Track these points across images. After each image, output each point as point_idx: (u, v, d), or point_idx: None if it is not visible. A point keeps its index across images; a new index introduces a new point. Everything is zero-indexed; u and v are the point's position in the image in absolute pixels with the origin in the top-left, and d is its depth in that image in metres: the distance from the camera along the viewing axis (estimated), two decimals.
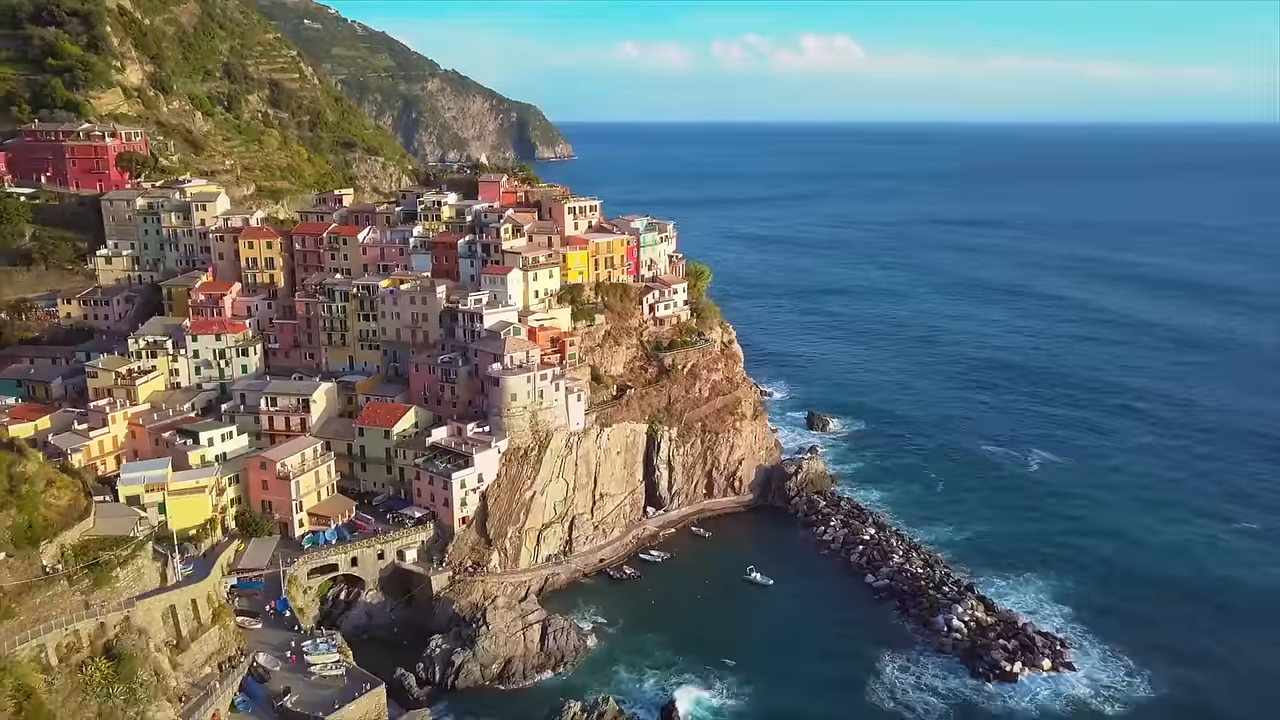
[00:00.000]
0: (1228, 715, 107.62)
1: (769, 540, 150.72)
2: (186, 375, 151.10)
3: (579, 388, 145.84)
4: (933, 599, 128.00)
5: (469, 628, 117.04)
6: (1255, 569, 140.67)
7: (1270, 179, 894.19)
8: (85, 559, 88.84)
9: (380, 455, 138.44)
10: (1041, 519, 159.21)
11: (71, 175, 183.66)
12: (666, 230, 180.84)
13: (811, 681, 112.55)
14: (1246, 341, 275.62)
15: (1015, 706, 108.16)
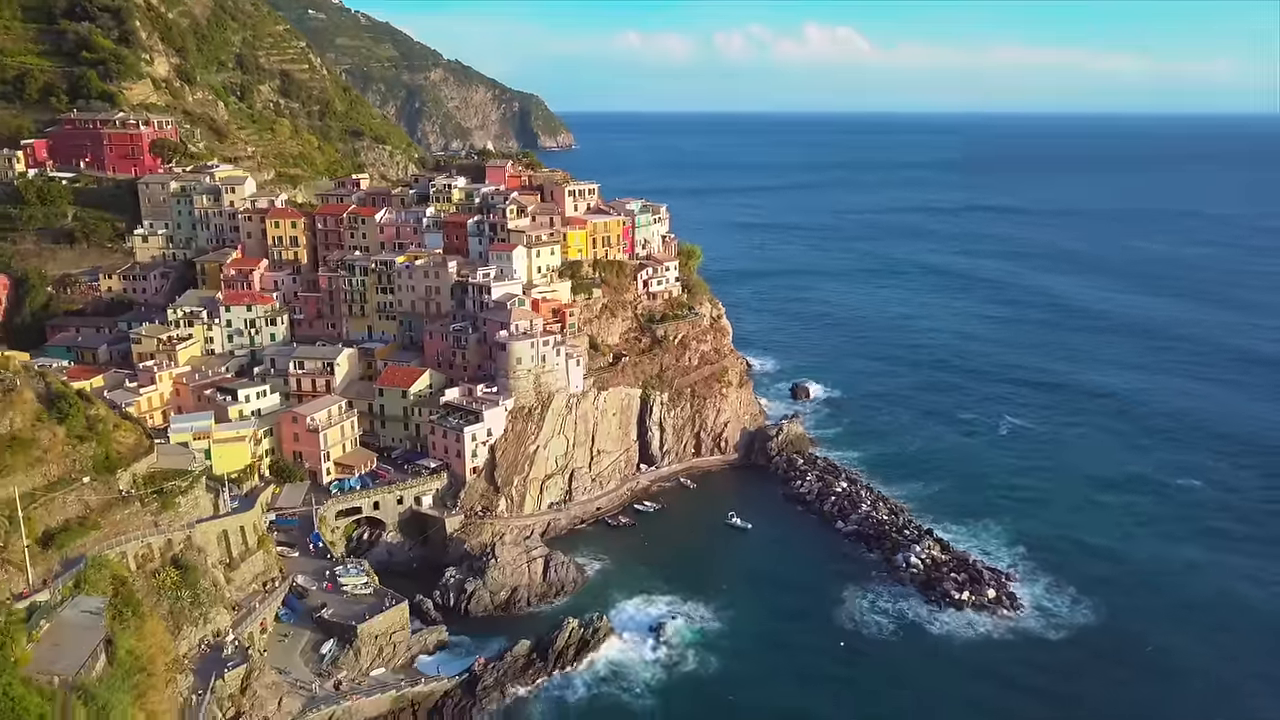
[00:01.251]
0: (1155, 636, 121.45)
1: (750, 493, 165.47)
2: (220, 342, 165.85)
3: (578, 354, 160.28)
4: (895, 540, 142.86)
5: (480, 561, 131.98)
6: (1196, 523, 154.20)
7: (1270, 170, 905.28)
8: (153, 486, 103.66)
9: (398, 413, 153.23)
10: (1005, 476, 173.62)
11: (109, 161, 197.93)
12: (659, 212, 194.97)
13: (783, 607, 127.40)
14: (1216, 323, 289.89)
15: (958, 628, 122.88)
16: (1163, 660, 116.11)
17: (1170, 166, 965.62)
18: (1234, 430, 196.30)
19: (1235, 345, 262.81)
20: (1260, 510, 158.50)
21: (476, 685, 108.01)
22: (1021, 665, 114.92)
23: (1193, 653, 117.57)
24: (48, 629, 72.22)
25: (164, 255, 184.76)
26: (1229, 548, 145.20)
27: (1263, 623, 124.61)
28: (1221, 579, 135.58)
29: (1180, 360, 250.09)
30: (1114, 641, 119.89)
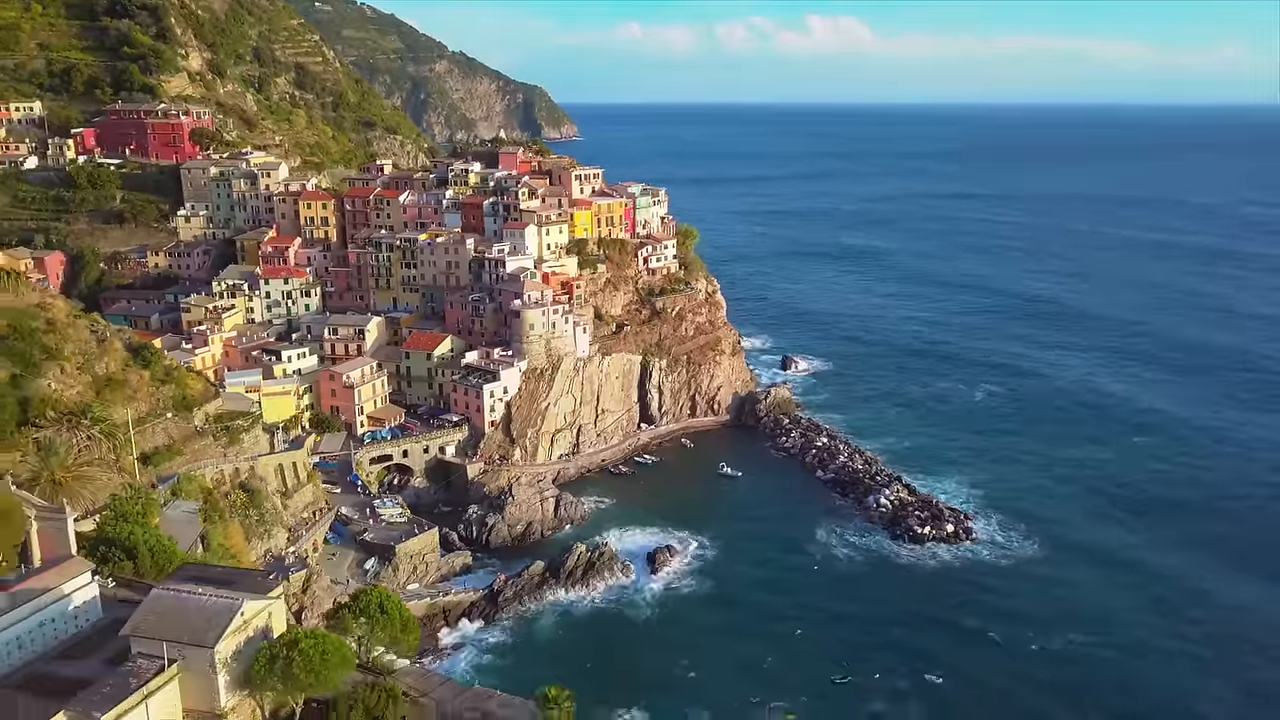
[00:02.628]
0: (1088, 563, 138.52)
1: (740, 448, 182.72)
2: (260, 312, 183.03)
3: (584, 322, 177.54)
4: (867, 485, 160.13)
5: (498, 500, 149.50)
6: (1152, 474, 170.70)
7: (1261, 159, 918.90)
8: (221, 424, 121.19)
9: (423, 374, 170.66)
10: (973, 435, 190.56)
11: (152, 148, 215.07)
12: (658, 195, 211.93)
13: (765, 540, 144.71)
14: (1195, 291, 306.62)
15: (919, 556, 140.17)
16: (1093, 581, 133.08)
17: (1166, 156, 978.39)
18: (1185, 401, 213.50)
19: (1195, 327, 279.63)
20: (1198, 472, 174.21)
21: (498, 597, 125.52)
22: (971, 585, 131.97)
23: (1117, 575, 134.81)
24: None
25: (205, 234, 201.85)
26: (1165, 502, 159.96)
27: (1179, 559, 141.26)
28: (1153, 526, 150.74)
29: (1147, 337, 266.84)
30: (1052, 568, 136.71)
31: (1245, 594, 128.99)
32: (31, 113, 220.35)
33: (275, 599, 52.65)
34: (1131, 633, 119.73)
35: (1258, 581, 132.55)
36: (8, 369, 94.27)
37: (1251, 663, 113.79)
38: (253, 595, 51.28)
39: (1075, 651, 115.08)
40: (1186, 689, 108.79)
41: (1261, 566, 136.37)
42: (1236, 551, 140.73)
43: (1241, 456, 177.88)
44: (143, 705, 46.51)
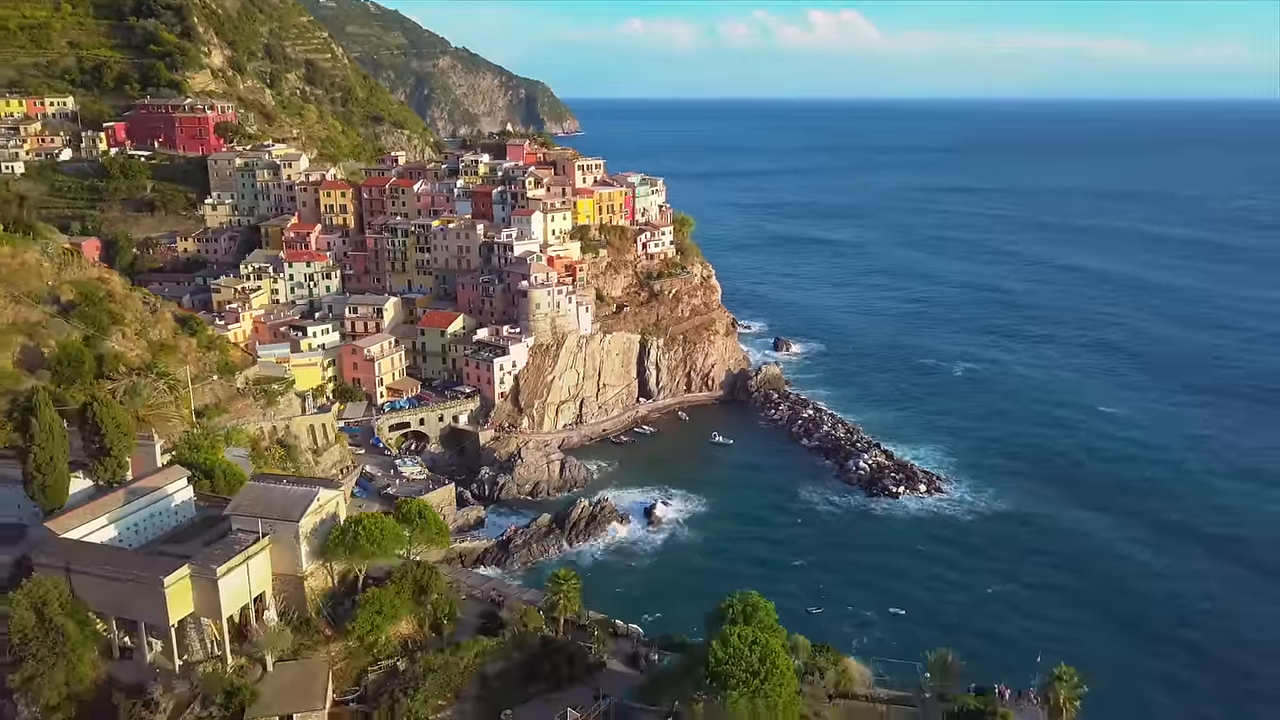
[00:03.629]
0: (1049, 518, 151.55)
1: (732, 420, 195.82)
2: (284, 293, 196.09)
3: (587, 302, 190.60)
4: (847, 451, 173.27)
5: (509, 463, 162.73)
6: (1112, 440, 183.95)
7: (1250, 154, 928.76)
8: (260, 387, 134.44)
9: (438, 349, 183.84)
10: (952, 405, 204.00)
11: (180, 140, 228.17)
12: (656, 185, 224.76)
13: (752, 499, 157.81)
14: (1165, 285, 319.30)
15: (893, 510, 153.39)
16: (1049, 536, 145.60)
17: (1162, 151, 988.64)
18: (1157, 366, 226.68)
19: (1171, 316, 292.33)
20: (1166, 435, 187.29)
21: (509, 544, 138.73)
22: (937, 535, 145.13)
23: (1069, 531, 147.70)
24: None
25: (231, 221, 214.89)
26: (1129, 469, 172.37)
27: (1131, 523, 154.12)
28: (1123, 488, 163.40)
29: (1121, 325, 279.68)
30: (1014, 524, 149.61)
31: (1172, 557, 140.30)
32: (65, 107, 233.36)
33: (340, 492, 65.85)
34: (1075, 580, 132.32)
35: (1180, 547, 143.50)
36: (81, 330, 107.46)
37: (1162, 611, 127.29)
38: (325, 487, 64.51)
39: (1025, 595, 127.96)
40: (1114, 621, 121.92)
41: (1187, 536, 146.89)
42: (1171, 522, 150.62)
43: (1191, 440, 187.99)
44: (244, 565, 59.79)
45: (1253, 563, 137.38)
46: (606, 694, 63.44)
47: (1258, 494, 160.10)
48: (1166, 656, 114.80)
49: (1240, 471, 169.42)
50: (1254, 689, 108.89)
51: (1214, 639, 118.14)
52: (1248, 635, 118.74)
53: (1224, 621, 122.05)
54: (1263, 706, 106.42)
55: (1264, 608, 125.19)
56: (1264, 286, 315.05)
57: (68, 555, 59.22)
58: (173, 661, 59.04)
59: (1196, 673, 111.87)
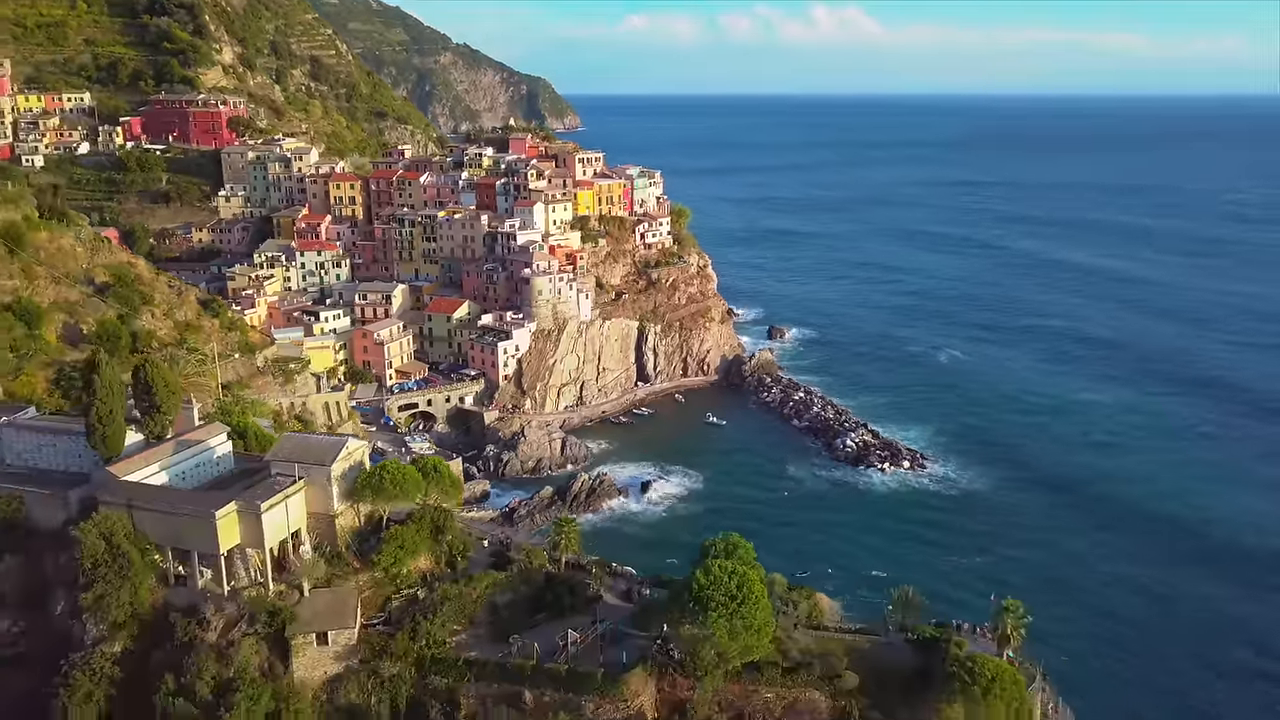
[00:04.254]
0: (1026, 497, 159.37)
1: (727, 402, 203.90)
2: (295, 281, 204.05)
3: (587, 290, 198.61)
4: (836, 430, 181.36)
5: (512, 441, 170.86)
6: (1086, 431, 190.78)
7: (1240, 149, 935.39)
8: (278, 366, 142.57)
9: (444, 334, 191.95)
10: (936, 390, 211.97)
11: (193, 135, 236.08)
12: (654, 177, 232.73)
13: (745, 475, 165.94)
14: (1146, 279, 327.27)
15: (876, 484, 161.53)
16: (1027, 513, 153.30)
17: (1158, 146, 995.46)
18: (1134, 355, 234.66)
19: (1157, 296, 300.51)
20: (1146, 420, 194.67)
21: (513, 515, 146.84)
22: (919, 507, 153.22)
23: (1048, 509, 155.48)
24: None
25: (244, 212, 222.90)
26: (1110, 451, 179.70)
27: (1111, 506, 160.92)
28: (1097, 473, 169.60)
29: (1107, 306, 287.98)
30: (994, 499, 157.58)
31: (1134, 539, 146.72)
32: (82, 103, 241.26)
33: (366, 443, 73.97)
34: (1046, 554, 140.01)
35: (1145, 531, 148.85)
36: (116, 309, 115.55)
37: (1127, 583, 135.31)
38: (353, 439, 72.62)
39: (999, 564, 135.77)
40: (1071, 590, 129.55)
41: (1154, 521, 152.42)
42: (1139, 508, 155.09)
43: (1165, 428, 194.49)
44: (284, 503, 67.96)
45: (1208, 547, 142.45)
46: (603, 618, 71.63)
47: (1221, 480, 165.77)
48: (1115, 624, 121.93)
49: (1206, 462, 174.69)
50: (1204, 659, 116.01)
51: (1161, 612, 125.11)
52: (1192, 613, 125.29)
53: (1171, 604, 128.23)
54: (1206, 675, 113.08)
55: (1209, 588, 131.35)
56: (1247, 282, 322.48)
57: (129, 494, 67.33)
58: (222, 587, 67.16)
59: (1145, 642, 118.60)
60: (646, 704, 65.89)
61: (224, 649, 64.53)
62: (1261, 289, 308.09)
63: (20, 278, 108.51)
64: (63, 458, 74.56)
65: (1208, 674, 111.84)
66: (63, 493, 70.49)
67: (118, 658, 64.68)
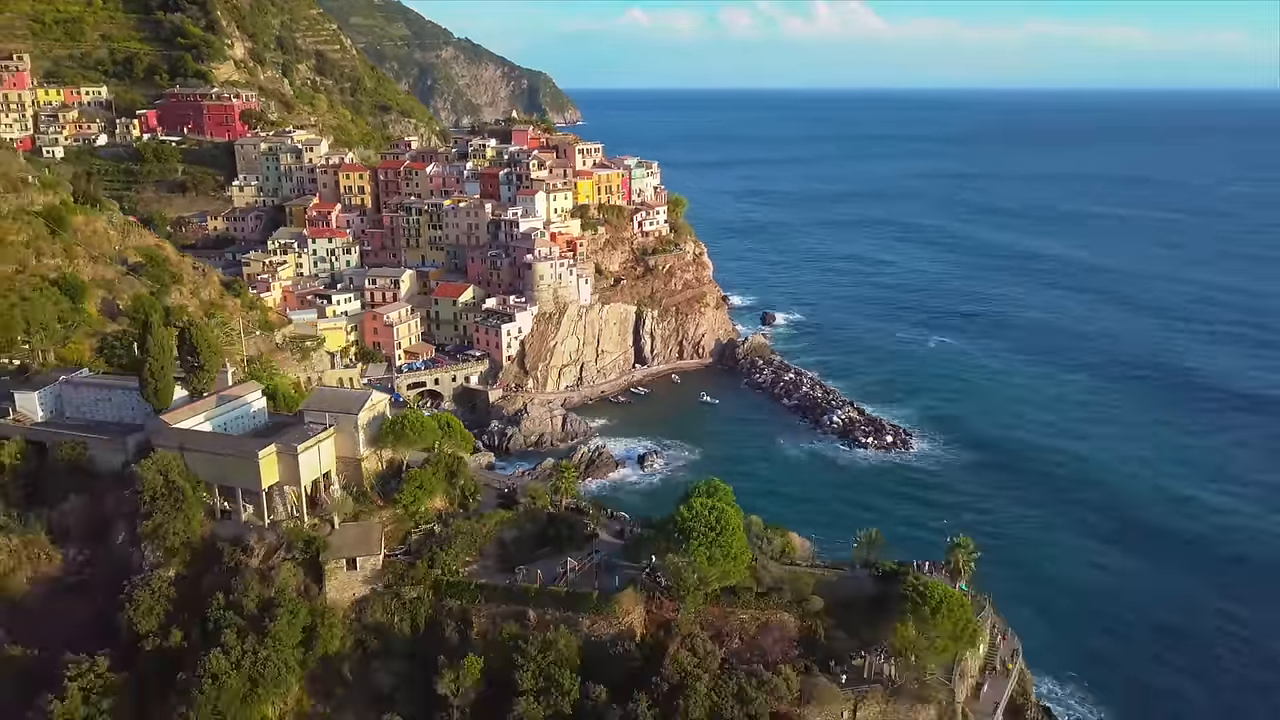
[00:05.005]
0: (1004, 471, 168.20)
1: (720, 383, 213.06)
2: (307, 267, 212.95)
3: (586, 275, 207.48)
4: (823, 408, 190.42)
5: (516, 417, 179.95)
6: (1065, 413, 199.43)
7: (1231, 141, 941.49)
8: (295, 343, 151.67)
9: (450, 317, 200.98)
10: (923, 375, 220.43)
11: (207, 126, 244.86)
12: (651, 168, 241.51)
13: (735, 447, 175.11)
14: (1122, 270, 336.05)
15: (859, 459, 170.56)
16: (1004, 489, 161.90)
17: (1154, 140, 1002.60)
18: (1113, 346, 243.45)
19: (1142, 285, 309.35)
20: (1119, 406, 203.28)
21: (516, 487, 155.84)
22: (900, 480, 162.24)
23: (1024, 485, 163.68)
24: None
25: (257, 201, 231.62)
26: (1086, 432, 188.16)
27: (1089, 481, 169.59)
28: (1074, 455, 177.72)
29: (1084, 295, 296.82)
30: (973, 475, 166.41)
31: (1099, 518, 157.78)
32: (100, 96, 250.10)
33: (387, 397, 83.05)
34: (1018, 524, 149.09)
35: (1109, 513, 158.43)
36: (149, 286, 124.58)
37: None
38: (377, 391, 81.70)
39: (966, 525, 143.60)
40: (1034, 559, 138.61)
41: (1119, 506, 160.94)
42: (1103, 487, 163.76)
43: (1135, 413, 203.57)
44: (316, 447, 77.06)
45: (1151, 520, 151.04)
46: (598, 550, 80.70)
47: (1174, 462, 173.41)
48: (1067, 576, 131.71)
49: (1165, 444, 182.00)
50: (1133, 605, 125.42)
51: (1105, 572, 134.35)
52: (1130, 571, 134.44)
53: (1111, 566, 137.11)
54: (1132, 617, 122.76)
55: (1142, 559, 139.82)
56: (1227, 273, 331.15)
57: (180, 439, 76.32)
58: (263, 520, 76.16)
59: (1091, 596, 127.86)
60: (636, 622, 75.00)
61: (266, 572, 73.61)
62: (1244, 281, 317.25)
63: (62, 256, 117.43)
64: (117, 411, 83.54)
65: (1133, 615, 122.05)
66: (121, 439, 79.52)
67: (173, 580, 73.77)
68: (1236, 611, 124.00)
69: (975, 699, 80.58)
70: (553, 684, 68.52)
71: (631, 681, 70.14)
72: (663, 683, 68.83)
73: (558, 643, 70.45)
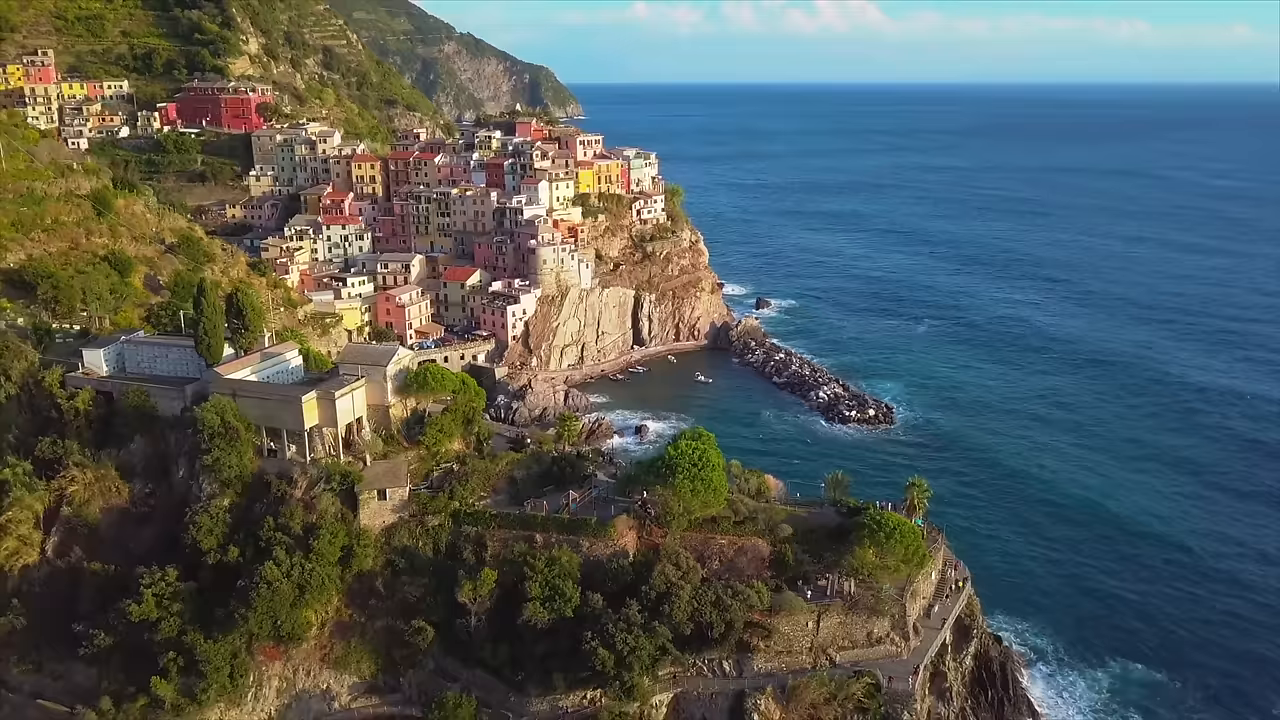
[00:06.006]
0: (980, 445, 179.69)
1: (715, 363, 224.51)
2: (322, 252, 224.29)
3: (587, 260, 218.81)
4: (811, 385, 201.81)
5: (521, 392, 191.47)
6: (1041, 390, 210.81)
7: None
8: (315, 320, 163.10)
9: (458, 299, 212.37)
10: (911, 352, 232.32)
11: (225, 119, 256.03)
12: (649, 158, 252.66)
13: (726, 420, 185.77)
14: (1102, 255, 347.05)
15: (843, 433, 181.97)
16: (984, 462, 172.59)
17: (1152, 134, 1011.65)
18: (1088, 333, 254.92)
19: (1126, 266, 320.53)
20: (1086, 391, 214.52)
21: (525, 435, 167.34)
22: (880, 451, 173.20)
23: (1001, 458, 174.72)
24: None
25: (273, 190, 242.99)
26: (1058, 417, 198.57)
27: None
28: (1038, 431, 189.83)
29: (1070, 286, 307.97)
30: (949, 443, 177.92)
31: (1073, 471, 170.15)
32: (121, 90, 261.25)
33: (411, 353, 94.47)
34: (984, 492, 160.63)
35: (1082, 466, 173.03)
36: (186, 263, 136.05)
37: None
38: (402, 348, 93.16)
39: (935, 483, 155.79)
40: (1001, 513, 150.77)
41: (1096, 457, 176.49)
42: (1081, 451, 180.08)
43: (1120, 377, 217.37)
44: (350, 394, 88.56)
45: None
46: (596, 486, 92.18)
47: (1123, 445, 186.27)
48: (1016, 528, 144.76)
49: (1119, 427, 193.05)
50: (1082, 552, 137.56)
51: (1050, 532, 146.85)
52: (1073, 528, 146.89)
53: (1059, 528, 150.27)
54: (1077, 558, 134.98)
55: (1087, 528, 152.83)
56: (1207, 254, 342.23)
57: (233, 387, 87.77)
58: (304, 457, 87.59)
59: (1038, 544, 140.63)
60: (629, 544, 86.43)
61: (308, 502, 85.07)
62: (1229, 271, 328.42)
63: (108, 236, 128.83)
64: (173, 366, 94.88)
65: (1086, 567, 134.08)
66: (180, 388, 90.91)
67: (227, 508, 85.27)
68: (1181, 559, 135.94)
69: (926, 617, 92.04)
70: (557, 592, 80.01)
71: (624, 592, 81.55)
72: (651, 591, 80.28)
73: (561, 559, 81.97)
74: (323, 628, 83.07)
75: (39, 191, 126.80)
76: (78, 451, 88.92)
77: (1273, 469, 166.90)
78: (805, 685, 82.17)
